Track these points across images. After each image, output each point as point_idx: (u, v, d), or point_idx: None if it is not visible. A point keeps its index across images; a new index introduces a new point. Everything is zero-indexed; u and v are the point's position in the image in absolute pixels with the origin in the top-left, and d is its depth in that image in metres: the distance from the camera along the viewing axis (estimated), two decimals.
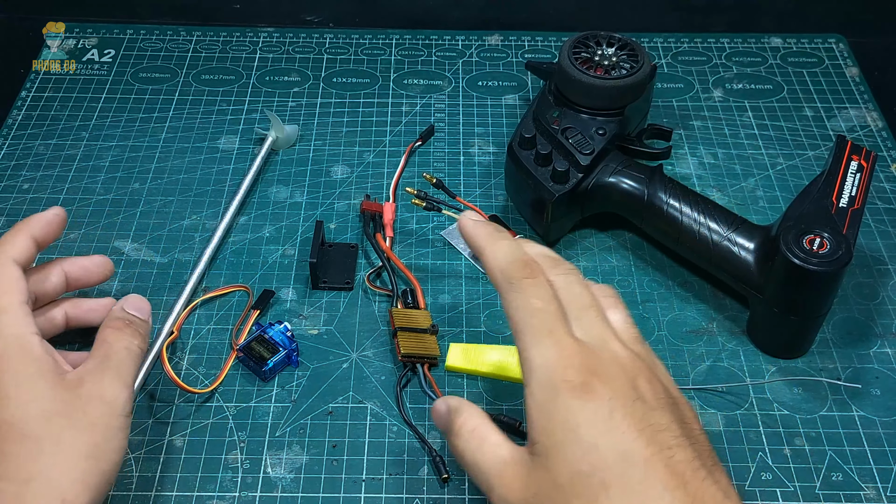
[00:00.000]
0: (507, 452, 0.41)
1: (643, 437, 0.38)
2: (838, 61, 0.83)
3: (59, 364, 0.46)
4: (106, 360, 0.47)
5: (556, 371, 0.39)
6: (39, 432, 0.42)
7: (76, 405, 0.44)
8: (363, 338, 0.59)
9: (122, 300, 0.52)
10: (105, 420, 0.44)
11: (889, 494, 0.51)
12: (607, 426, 0.38)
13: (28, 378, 0.44)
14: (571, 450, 0.38)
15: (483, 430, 0.43)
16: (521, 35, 0.86)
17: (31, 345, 0.45)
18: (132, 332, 0.49)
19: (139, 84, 0.79)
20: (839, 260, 0.52)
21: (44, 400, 0.43)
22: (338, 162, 0.72)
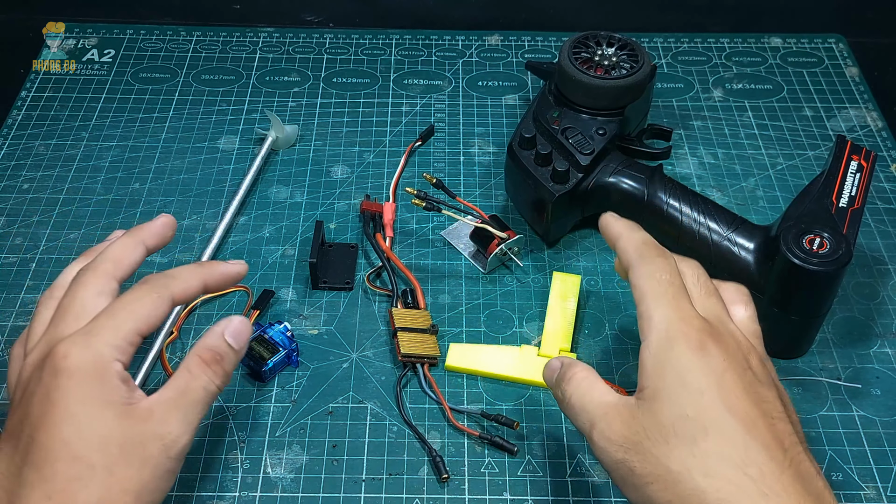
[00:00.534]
0: (613, 398, 0.43)
1: (750, 400, 0.40)
2: (838, 61, 0.83)
3: (131, 393, 0.43)
4: (182, 395, 0.44)
5: (677, 326, 0.42)
6: (93, 459, 0.41)
7: (135, 439, 0.42)
8: (363, 338, 0.59)
9: (225, 322, 0.47)
10: (159, 460, 0.42)
11: (889, 494, 0.51)
12: (717, 380, 0.40)
13: (96, 402, 0.42)
14: (679, 394, 0.40)
15: (593, 379, 0.45)
16: (521, 35, 0.86)
17: (111, 370, 0.43)
18: (217, 370, 0.45)
19: (139, 84, 0.79)
20: (839, 260, 0.52)
21: (105, 427, 0.42)
22: (338, 162, 0.72)
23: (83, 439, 0.41)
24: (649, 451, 0.40)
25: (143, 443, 0.42)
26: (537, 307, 0.61)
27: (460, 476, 0.52)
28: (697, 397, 0.40)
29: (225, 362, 0.46)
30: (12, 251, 0.64)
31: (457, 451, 0.53)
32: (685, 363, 0.41)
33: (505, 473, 0.52)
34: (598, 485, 0.51)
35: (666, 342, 0.42)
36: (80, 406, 0.42)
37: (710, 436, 0.39)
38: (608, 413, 0.43)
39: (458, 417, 0.54)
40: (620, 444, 0.41)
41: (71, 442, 0.41)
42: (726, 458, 0.39)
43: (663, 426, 0.40)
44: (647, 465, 0.40)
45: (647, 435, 0.40)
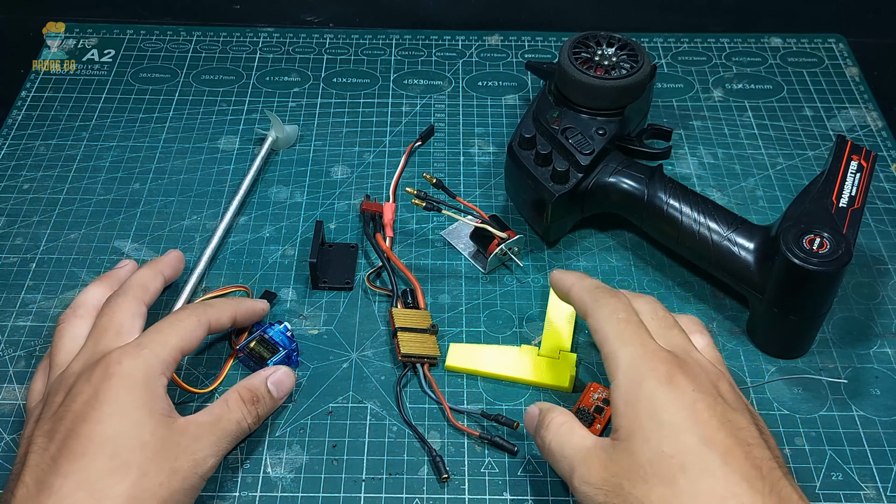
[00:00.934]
0: (591, 441, 0.44)
1: (724, 429, 0.40)
2: (838, 61, 0.83)
3: (171, 409, 0.47)
4: (216, 421, 0.48)
5: (643, 362, 0.43)
6: (130, 458, 0.43)
7: (170, 449, 0.45)
8: (363, 338, 0.59)
9: (271, 370, 0.53)
10: (188, 474, 0.45)
11: (889, 494, 0.51)
12: (690, 413, 0.41)
13: (141, 407, 0.45)
14: (654, 432, 0.41)
15: (571, 424, 0.46)
16: (521, 35, 0.86)
17: (157, 382, 0.47)
18: (253, 409, 0.50)
19: (139, 84, 0.79)
20: (839, 260, 0.52)
21: (146, 432, 0.44)
22: (338, 162, 0.72)
23: (125, 438, 0.43)
24: (629, 493, 0.40)
25: (177, 455, 0.45)
26: (537, 307, 0.61)
27: (460, 476, 0.52)
28: (672, 433, 0.40)
29: (260, 405, 0.50)
30: (12, 251, 0.64)
31: (457, 451, 0.53)
32: (656, 399, 0.41)
33: (505, 473, 0.52)
34: None
35: (635, 379, 0.42)
36: (127, 408, 0.44)
37: (689, 471, 0.39)
38: (587, 457, 0.43)
39: (458, 417, 0.54)
40: (600, 488, 0.41)
41: (113, 439, 0.43)
42: (707, 492, 0.39)
43: (641, 466, 0.40)
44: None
45: (626, 476, 0.40)
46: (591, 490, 0.42)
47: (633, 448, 0.41)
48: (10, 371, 0.57)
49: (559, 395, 0.56)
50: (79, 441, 0.43)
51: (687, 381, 0.42)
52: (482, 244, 0.62)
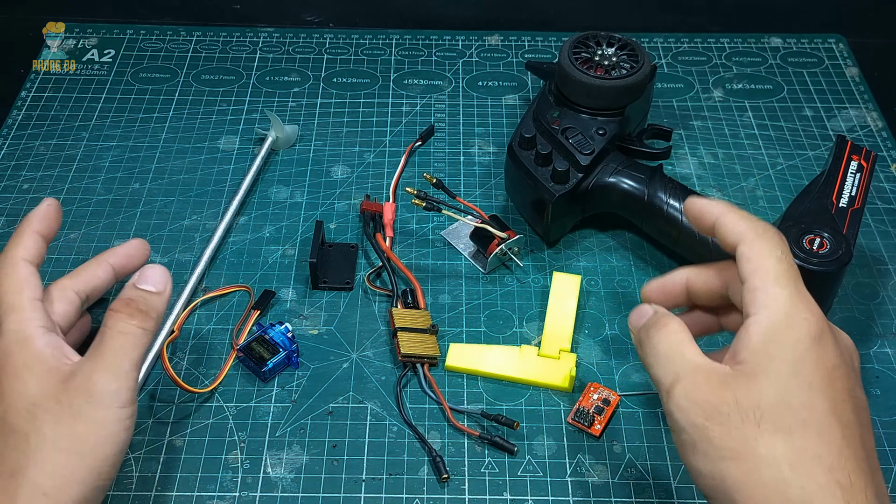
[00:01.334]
0: (705, 360, 0.41)
1: (850, 403, 0.39)
2: (838, 61, 0.83)
3: (60, 357, 0.45)
4: (98, 348, 0.45)
5: (799, 307, 0.40)
6: (25, 427, 0.42)
7: (62, 399, 0.43)
8: (363, 338, 0.59)
9: (136, 274, 0.48)
10: (91, 413, 0.43)
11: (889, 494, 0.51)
12: (827, 376, 0.39)
13: (19, 372, 0.44)
14: (787, 379, 0.39)
15: (687, 337, 0.43)
16: (521, 35, 0.86)
17: (32, 339, 0.45)
18: (131, 311, 0.46)
19: (139, 84, 0.79)
20: (839, 260, 0.52)
21: (30, 394, 0.43)
22: (338, 162, 0.72)
23: (13, 410, 0.43)
24: (736, 427, 0.38)
25: (70, 401, 0.43)
26: (537, 307, 0.61)
27: (460, 476, 0.52)
28: (806, 388, 0.38)
29: (139, 303, 0.46)
30: None
31: (457, 451, 0.53)
32: (801, 349, 0.39)
33: (505, 473, 0.52)
34: (597, 485, 0.51)
35: (784, 322, 0.40)
36: (6, 381, 0.44)
37: (807, 430, 0.38)
38: (697, 373, 0.40)
39: (458, 417, 0.54)
40: (703, 409, 0.39)
41: (6, 417, 0.43)
42: (819, 458, 0.37)
43: (759, 406, 0.38)
44: (728, 440, 0.38)
45: (738, 409, 0.38)
46: (692, 407, 0.39)
47: (756, 386, 0.39)
48: None
49: (559, 394, 0.56)
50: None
51: (833, 344, 0.40)
52: (482, 244, 0.62)
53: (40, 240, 0.49)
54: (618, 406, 0.55)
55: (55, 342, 0.45)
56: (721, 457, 0.38)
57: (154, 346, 0.57)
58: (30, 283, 0.47)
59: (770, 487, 0.37)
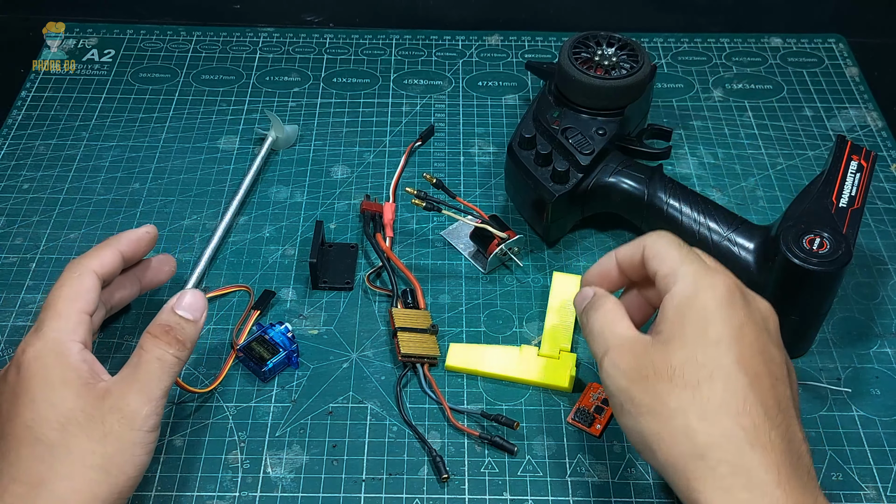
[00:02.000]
0: (633, 333, 0.45)
1: (760, 358, 0.43)
2: (838, 61, 0.83)
3: (94, 374, 0.46)
4: (135, 370, 0.46)
5: (704, 278, 0.44)
6: (53, 439, 0.43)
7: (95, 416, 0.44)
8: (363, 338, 0.59)
9: (175, 298, 0.49)
10: (121, 433, 0.44)
11: (889, 494, 0.51)
12: (734, 333, 0.42)
13: (54, 384, 0.44)
14: (694, 339, 0.42)
15: (619, 313, 0.47)
16: (521, 35, 0.86)
17: (69, 352, 0.45)
18: (169, 340, 0.47)
19: (139, 84, 0.79)
20: (839, 260, 0.52)
21: (64, 407, 0.44)
22: (338, 162, 0.72)
23: (43, 421, 0.43)
24: (652, 385, 0.42)
25: (102, 418, 0.44)
26: (537, 307, 0.61)
27: (460, 476, 0.52)
28: (712, 345, 0.42)
29: (176, 331, 0.48)
30: (12, 251, 0.64)
31: (457, 451, 0.53)
32: (709, 312, 0.43)
33: (505, 473, 0.52)
34: (598, 485, 0.51)
35: (692, 291, 0.44)
36: (40, 391, 0.44)
37: (714, 383, 0.41)
38: (623, 344, 0.45)
39: (458, 417, 0.54)
40: (626, 374, 0.43)
41: (32, 426, 0.43)
42: (724, 406, 0.41)
43: (671, 365, 0.42)
44: (646, 397, 0.42)
45: (654, 370, 0.42)
46: (617, 373, 0.44)
47: (669, 349, 0.43)
48: None
49: (559, 394, 0.56)
50: (6, 440, 0.43)
51: (742, 303, 0.44)
52: (482, 244, 0.62)
53: (120, 259, 0.51)
54: None
55: (90, 359, 0.46)
56: (640, 413, 0.42)
57: None
58: (87, 296, 0.48)
59: (680, 435, 0.41)
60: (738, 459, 0.39)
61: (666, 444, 0.41)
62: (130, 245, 0.52)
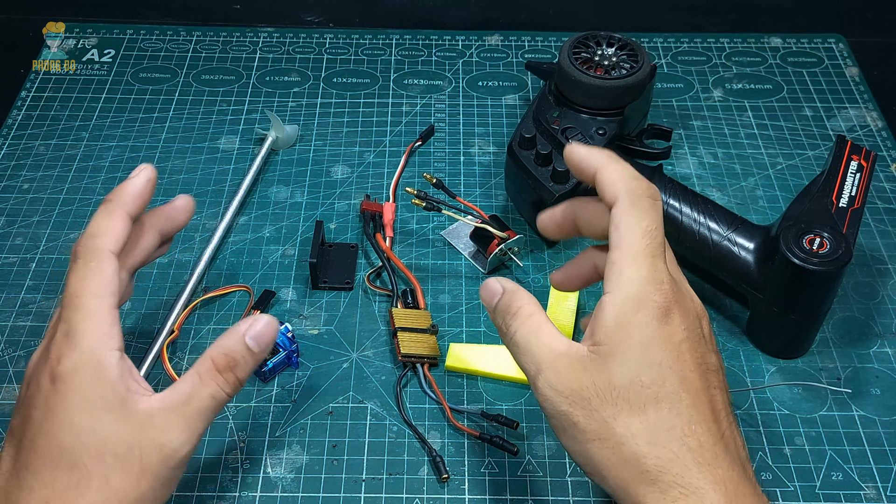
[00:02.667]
0: (563, 346, 0.42)
1: (699, 371, 0.41)
2: (838, 61, 0.83)
3: (131, 389, 0.42)
4: (185, 403, 0.42)
5: (647, 290, 0.41)
6: (90, 468, 0.40)
7: (133, 447, 0.41)
8: (363, 338, 0.59)
9: (249, 322, 0.44)
10: (157, 470, 0.41)
11: (889, 494, 0.51)
12: (676, 352, 0.41)
13: (94, 406, 0.41)
14: (637, 360, 0.41)
15: (540, 318, 0.44)
16: (521, 35, 0.86)
17: (108, 364, 0.42)
18: (229, 377, 0.43)
19: (139, 84, 0.79)
20: (839, 260, 0.52)
21: (102, 434, 0.41)
22: (338, 162, 0.72)
23: (82, 447, 0.41)
24: (596, 410, 0.40)
25: (142, 453, 0.41)
26: None
27: (460, 476, 0.52)
28: (655, 366, 0.40)
29: (239, 369, 0.44)
30: (12, 251, 0.64)
31: (457, 451, 0.53)
32: (649, 331, 0.41)
33: (505, 473, 0.52)
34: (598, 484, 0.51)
35: (633, 303, 0.41)
36: (78, 412, 0.41)
37: (660, 406, 0.40)
38: (557, 362, 0.42)
39: (458, 417, 0.54)
40: (566, 396, 0.41)
41: (70, 449, 0.41)
42: (671, 428, 0.40)
43: (615, 388, 0.40)
44: (591, 423, 0.40)
45: (596, 392, 0.41)
46: (556, 397, 0.41)
47: (611, 368, 0.41)
48: (10, 371, 0.57)
49: None
50: (37, 455, 0.41)
51: (680, 319, 0.42)
52: (482, 244, 0.62)
53: (130, 224, 0.45)
54: None
55: (127, 367, 0.43)
56: (587, 439, 0.41)
57: (154, 346, 0.57)
58: (112, 287, 0.43)
59: (631, 462, 0.40)
60: (688, 481, 0.39)
61: (616, 470, 0.40)
62: (136, 203, 0.46)
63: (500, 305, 0.45)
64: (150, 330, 0.59)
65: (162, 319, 0.59)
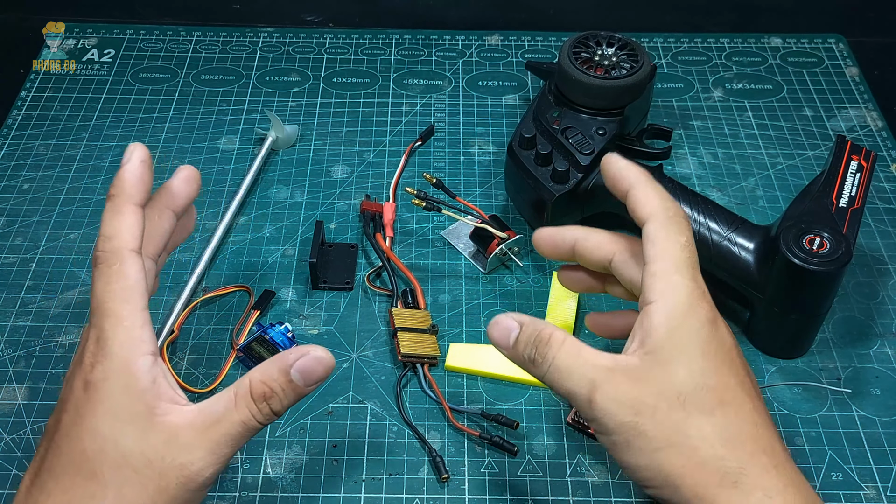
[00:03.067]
0: (610, 359, 0.42)
1: (750, 377, 0.42)
2: (838, 61, 0.83)
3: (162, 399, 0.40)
4: (215, 424, 0.40)
5: (695, 297, 0.42)
6: (108, 479, 0.39)
7: (153, 463, 0.39)
8: (363, 338, 0.59)
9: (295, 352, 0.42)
10: (176, 493, 0.40)
11: (889, 494, 0.51)
12: (729, 357, 0.42)
13: (120, 416, 0.40)
14: (699, 365, 0.40)
15: (575, 340, 0.43)
16: (521, 35, 0.86)
17: (138, 373, 0.40)
18: (265, 407, 0.41)
19: (139, 84, 0.79)
20: (839, 260, 0.52)
21: (124, 446, 0.39)
22: (338, 162, 0.72)
23: (103, 456, 0.40)
24: (666, 416, 0.40)
25: (162, 470, 0.40)
26: (537, 307, 0.61)
27: (460, 476, 0.52)
28: (716, 369, 0.41)
29: (275, 400, 0.41)
30: (12, 251, 0.64)
31: (457, 451, 0.53)
32: (704, 336, 0.41)
33: (505, 473, 0.52)
34: (597, 485, 0.51)
35: (684, 311, 0.41)
36: (103, 421, 0.40)
37: (726, 409, 0.40)
38: (612, 374, 0.41)
39: (458, 417, 0.54)
40: (631, 406, 0.40)
41: (91, 458, 0.40)
42: (741, 431, 0.40)
43: (681, 393, 0.40)
44: (662, 429, 0.40)
45: (662, 399, 0.40)
46: (619, 408, 0.40)
47: (673, 374, 0.40)
48: (10, 371, 0.57)
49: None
50: (60, 460, 0.40)
51: (724, 326, 0.43)
52: (482, 244, 0.62)
53: (142, 214, 0.43)
54: None
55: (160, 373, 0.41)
56: (657, 447, 0.40)
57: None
58: (139, 287, 0.41)
59: (709, 466, 0.39)
60: (768, 483, 0.39)
61: (691, 477, 0.39)
62: (139, 189, 0.43)
63: (524, 338, 0.44)
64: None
65: (162, 319, 0.59)
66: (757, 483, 0.39)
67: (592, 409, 0.41)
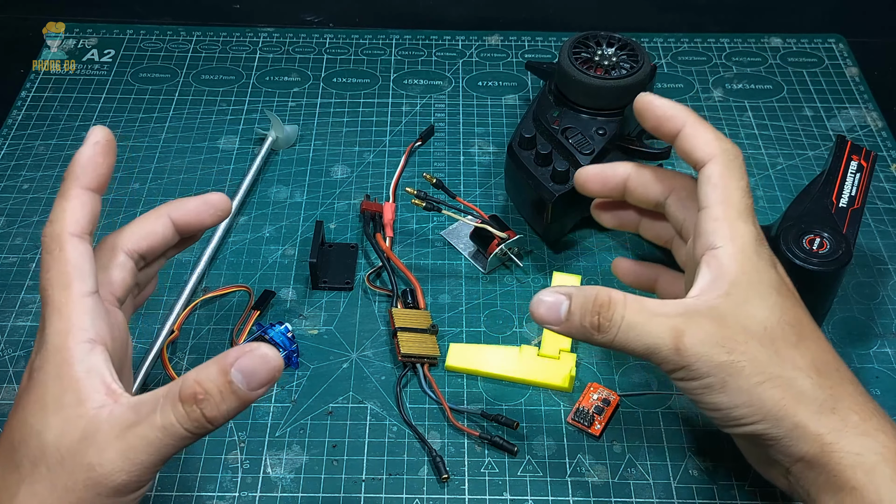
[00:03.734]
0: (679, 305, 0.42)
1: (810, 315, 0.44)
2: (838, 61, 0.83)
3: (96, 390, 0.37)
4: (134, 425, 0.36)
5: (759, 242, 0.43)
6: (24, 473, 0.37)
7: (65, 461, 0.36)
8: (363, 338, 0.59)
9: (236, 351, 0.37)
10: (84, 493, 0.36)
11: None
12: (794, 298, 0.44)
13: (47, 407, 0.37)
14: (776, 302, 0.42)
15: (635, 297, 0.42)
16: (521, 35, 0.86)
17: (71, 360, 0.37)
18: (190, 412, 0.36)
19: (139, 84, 0.79)
20: (839, 260, 0.52)
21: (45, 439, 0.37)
22: (338, 162, 0.72)
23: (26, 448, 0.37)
24: (759, 351, 0.40)
25: (72, 469, 0.36)
26: None
27: (460, 476, 0.52)
28: (790, 306, 0.42)
29: (207, 404, 0.36)
30: (12, 251, 0.64)
31: (457, 451, 0.53)
32: (773, 277, 0.43)
33: (505, 473, 0.52)
34: (597, 485, 0.51)
35: (752, 254, 0.42)
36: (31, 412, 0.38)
37: (807, 342, 0.42)
38: (697, 317, 0.41)
39: (458, 417, 0.54)
40: (723, 346, 0.40)
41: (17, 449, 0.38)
42: (826, 360, 0.42)
43: (767, 328, 0.41)
44: (758, 365, 0.40)
45: (752, 335, 0.41)
46: (712, 350, 0.40)
47: (755, 311, 0.41)
48: (10, 371, 0.57)
49: (559, 395, 0.56)
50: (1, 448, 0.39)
51: (784, 270, 0.44)
52: (482, 244, 0.62)
53: (91, 198, 0.41)
54: (618, 406, 0.55)
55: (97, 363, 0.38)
56: (757, 382, 0.40)
57: (154, 346, 0.57)
58: (80, 272, 0.39)
59: (807, 395, 0.40)
60: (861, 407, 0.40)
61: (791, 407, 0.40)
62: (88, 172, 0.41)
63: (578, 308, 0.42)
64: (150, 330, 0.59)
65: (162, 319, 0.59)
66: (851, 407, 0.40)
67: (682, 356, 0.40)
